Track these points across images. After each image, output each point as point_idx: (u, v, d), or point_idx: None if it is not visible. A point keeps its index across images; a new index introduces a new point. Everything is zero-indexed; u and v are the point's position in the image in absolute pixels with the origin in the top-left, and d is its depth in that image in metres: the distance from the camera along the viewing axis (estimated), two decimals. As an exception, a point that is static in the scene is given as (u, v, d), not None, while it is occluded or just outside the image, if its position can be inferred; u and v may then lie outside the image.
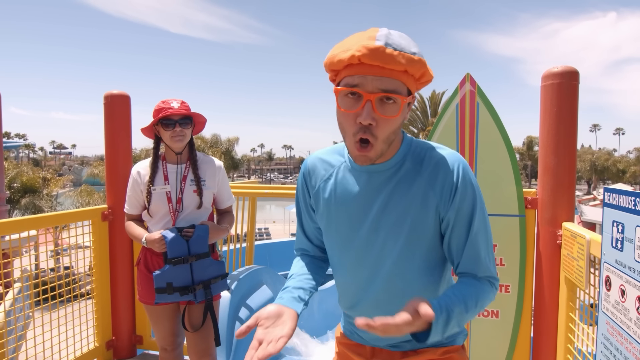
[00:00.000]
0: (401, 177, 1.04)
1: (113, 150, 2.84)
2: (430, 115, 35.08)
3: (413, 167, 1.04)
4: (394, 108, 0.93)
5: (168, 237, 1.91)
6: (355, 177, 1.08)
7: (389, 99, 0.92)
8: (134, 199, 2.09)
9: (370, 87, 0.91)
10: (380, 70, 0.90)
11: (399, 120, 0.96)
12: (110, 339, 2.90)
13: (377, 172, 1.05)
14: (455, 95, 2.16)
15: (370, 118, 0.91)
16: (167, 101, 2.01)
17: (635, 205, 1.15)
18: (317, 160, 1.16)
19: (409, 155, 1.05)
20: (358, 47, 0.89)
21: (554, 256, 2.01)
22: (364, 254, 1.08)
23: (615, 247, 1.24)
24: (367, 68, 0.90)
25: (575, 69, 1.97)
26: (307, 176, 1.17)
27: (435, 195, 1.01)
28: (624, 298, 1.20)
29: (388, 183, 1.04)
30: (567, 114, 1.98)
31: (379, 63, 0.89)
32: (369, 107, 0.91)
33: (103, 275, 2.82)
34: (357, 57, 0.89)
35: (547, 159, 2.03)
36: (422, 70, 0.93)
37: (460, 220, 1.02)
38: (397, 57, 0.88)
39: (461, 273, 1.07)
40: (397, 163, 1.04)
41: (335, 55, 0.94)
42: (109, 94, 2.80)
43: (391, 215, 1.03)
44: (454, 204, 1.01)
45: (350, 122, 0.94)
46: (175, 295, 1.95)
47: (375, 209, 1.05)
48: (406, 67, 0.90)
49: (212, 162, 2.14)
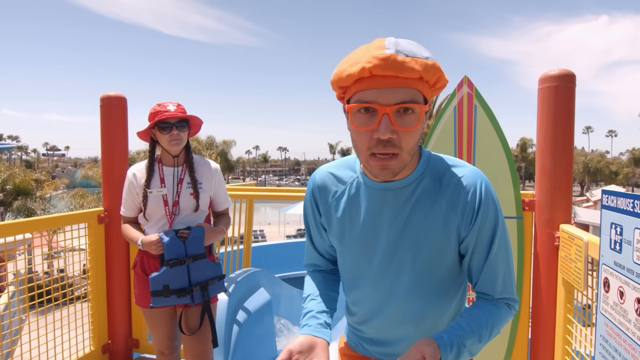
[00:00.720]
0: (420, 196, 0.98)
1: (109, 153, 2.82)
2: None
3: (432, 185, 0.98)
4: (414, 118, 0.86)
5: (165, 239, 1.90)
6: (369, 194, 1.01)
7: (406, 110, 0.85)
8: (130, 202, 2.08)
9: (385, 99, 0.84)
10: (394, 81, 0.83)
11: (419, 131, 0.90)
12: (106, 343, 2.88)
13: (394, 189, 0.98)
14: (453, 97, 2.17)
15: (390, 132, 0.84)
16: (163, 104, 1.99)
17: (634, 207, 1.15)
18: (327, 176, 1.08)
19: (427, 172, 0.99)
20: (368, 59, 0.82)
21: (551, 258, 2.02)
22: (379, 276, 1.03)
23: (614, 249, 1.25)
24: (380, 80, 0.84)
25: (572, 71, 1.98)
26: (316, 193, 1.10)
27: (456, 216, 0.96)
28: (622, 300, 1.21)
29: (407, 202, 0.98)
30: (564, 116, 1.99)
31: (392, 72, 0.82)
32: (386, 121, 0.84)
33: (99, 278, 2.79)
34: (368, 69, 0.82)
35: (545, 161, 2.04)
36: (437, 75, 0.86)
37: (481, 242, 0.98)
38: (410, 64, 0.82)
39: (479, 293, 1.04)
40: (415, 180, 0.98)
41: (343, 71, 0.87)
42: (105, 96, 2.79)
43: (410, 236, 0.98)
44: (476, 225, 0.97)
45: (366, 138, 0.87)
46: (172, 298, 1.94)
47: (394, 229, 0.99)
48: (421, 73, 0.83)
49: (208, 164, 2.13)
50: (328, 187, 1.07)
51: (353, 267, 1.08)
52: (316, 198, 1.10)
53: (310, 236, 1.18)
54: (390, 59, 0.81)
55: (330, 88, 0.95)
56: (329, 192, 1.07)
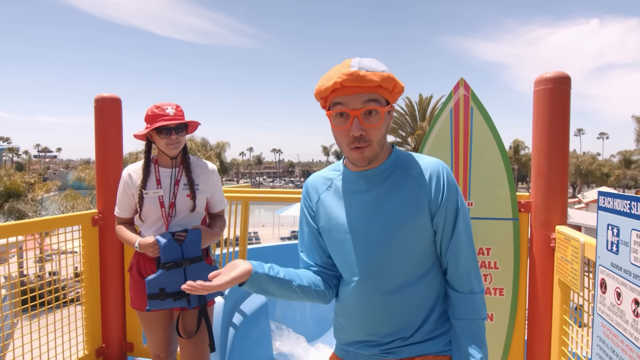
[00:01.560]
0: (393, 181, 1.21)
1: (103, 154, 2.79)
2: (419, 120, 35.35)
3: (402, 172, 1.22)
4: (377, 117, 1.14)
5: (162, 242, 1.88)
6: (352, 182, 1.25)
7: (370, 112, 1.13)
8: (125, 202, 2.06)
9: (354, 104, 1.12)
10: (359, 89, 1.11)
11: (383, 127, 1.16)
12: (100, 347, 2.84)
13: (372, 175, 1.23)
14: (449, 99, 2.18)
15: (360, 129, 1.12)
16: (162, 107, 1.96)
17: (630, 208, 1.16)
18: (316, 178, 1.35)
19: (398, 162, 1.24)
20: (338, 75, 1.10)
21: (547, 259, 2.03)
22: (367, 237, 1.20)
23: (611, 250, 1.26)
24: (349, 89, 1.11)
25: (567, 74, 2.00)
26: (307, 193, 1.34)
27: (426, 192, 1.19)
28: (619, 300, 1.21)
29: (381, 184, 1.21)
30: (560, 118, 2.01)
31: (356, 84, 1.09)
32: (356, 121, 1.12)
33: (93, 280, 2.77)
34: (339, 82, 1.10)
35: (540, 163, 2.06)
36: (392, 83, 1.13)
37: (448, 218, 1.19)
38: (370, 76, 1.09)
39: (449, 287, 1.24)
40: (388, 167, 1.23)
41: (321, 85, 1.15)
42: (100, 97, 2.76)
43: (391, 206, 1.19)
44: (443, 202, 1.19)
45: (344, 136, 1.15)
46: (168, 301, 1.92)
47: (375, 205, 1.20)
48: (379, 82, 1.10)
49: (205, 166, 2.12)
50: (318, 185, 1.32)
51: (342, 254, 1.24)
52: (309, 196, 1.33)
53: (304, 242, 1.35)
54: (354, 74, 1.09)
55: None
56: (319, 188, 1.31)
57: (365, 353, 1.26)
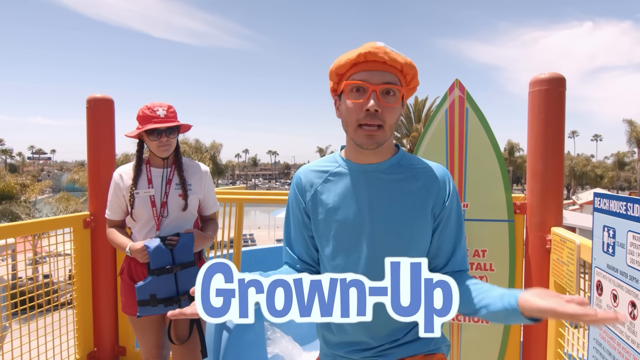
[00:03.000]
0: (399, 179, 1.16)
1: (95, 156, 2.77)
2: (414, 121, 35.49)
3: (408, 172, 1.17)
4: (395, 99, 1.10)
5: (150, 248, 1.85)
6: (352, 177, 1.17)
7: (389, 91, 1.09)
8: (116, 204, 2.03)
9: (375, 79, 1.08)
10: (383, 66, 1.08)
11: (398, 111, 1.12)
12: (91, 351, 2.81)
13: (375, 171, 1.16)
14: (444, 100, 2.17)
15: (377, 105, 1.06)
16: (153, 108, 1.93)
17: (626, 210, 1.15)
18: (308, 171, 1.25)
19: (403, 161, 1.19)
20: (364, 48, 1.07)
21: (543, 261, 2.02)
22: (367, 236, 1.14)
23: (607, 252, 1.25)
24: (372, 64, 1.08)
25: (562, 75, 2.00)
26: (299, 187, 1.24)
27: (431, 197, 1.15)
28: (616, 303, 1.20)
29: (386, 183, 1.15)
30: (555, 119, 2.00)
31: (381, 58, 1.06)
32: (374, 96, 1.07)
33: (85, 284, 2.73)
34: (364, 54, 1.07)
35: (535, 164, 2.05)
36: (413, 71, 1.11)
37: (450, 222, 1.17)
38: (396, 56, 1.08)
39: (455, 271, 1.17)
40: (392, 165, 1.17)
41: (342, 58, 1.11)
42: (92, 98, 2.74)
43: (394, 206, 1.14)
44: (446, 208, 1.16)
45: (357, 111, 1.09)
46: (160, 307, 1.88)
47: (376, 204, 1.14)
48: (403, 65, 1.08)
49: (198, 167, 2.09)
50: (311, 179, 1.23)
51: (339, 249, 1.17)
52: (301, 191, 1.24)
53: (290, 236, 1.28)
54: (381, 48, 1.07)
55: (321, 90, 1.20)
56: (314, 182, 1.22)
57: (355, 357, 1.21)
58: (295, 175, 1.28)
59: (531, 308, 0.91)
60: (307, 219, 1.24)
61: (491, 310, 1.01)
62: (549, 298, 0.90)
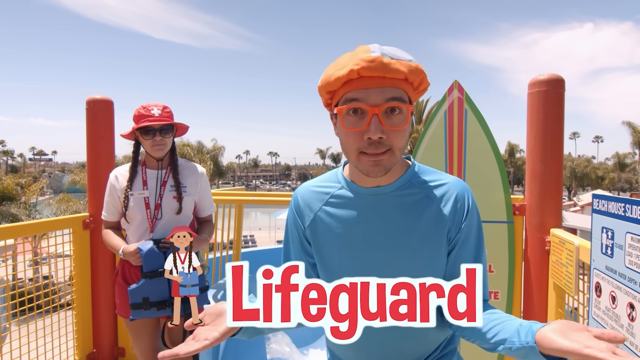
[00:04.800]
0: (410, 202, 0.99)
1: (95, 157, 2.77)
2: (415, 123, 35.48)
3: (421, 191, 1.00)
4: (401, 118, 0.90)
5: (143, 250, 1.84)
6: (357, 201, 1.01)
7: (394, 110, 0.89)
8: (112, 205, 2.02)
9: (374, 100, 0.87)
10: (382, 81, 0.87)
11: (407, 130, 0.92)
12: (91, 352, 2.80)
13: (383, 194, 0.99)
14: (443, 102, 2.17)
15: (380, 131, 0.87)
16: (148, 107, 1.93)
17: (625, 211, 1.15)
18: (308, 192, 1.09)
19: (415, 180, 1.01)
20: (355, 62, 0.86)
21: (542, 262, 2.02)
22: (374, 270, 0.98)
23: (605, 254, 1.24)
24: (368, 81, 0.87)
25: (561, 76, 2.00)
26: (298, 209, 1.09)
27: (447, 220, 0.99)
28: (614, 304, 1.20)
29: (397, 208, 0.99)
30: (554, 120, 2.00)
31: (379, 73, 0.86)
32: (376, 121, 0.87)
33: (84, 285, 2.73)
34: (357, 70, 0.85)
35: (535, 165, 2.05)
36: (420, 76, 0.91)
37: (468, 245, 1.01)
38: (396, 65, 0.86)
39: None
40: (403, 185, 1.00)
41: (331, 75, 0.90)
42: (92, 99, 2.74)
43: (403, 241, 0.98)
44: (463, 229, 1.00)
45: (356, 139, 0.90)
46: (152, 310, 1.87)
47: (387, 233, 0.98)
48: (406, 74, 0.88)
49: (194, 168, 2.08)
50: (310, 201, 1.07)
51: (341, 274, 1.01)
52: (299, 214, 1.09)
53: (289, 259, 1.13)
54: (377, 61, 0.85)
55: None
56: (313, 205, 1.06)
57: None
58: (293, 196, 1.12)
59: (551, 347, 0.74)
60: (307, 244, 1.09)
61: (508, 347, 0.86)
62: (573, 334, 0.73)
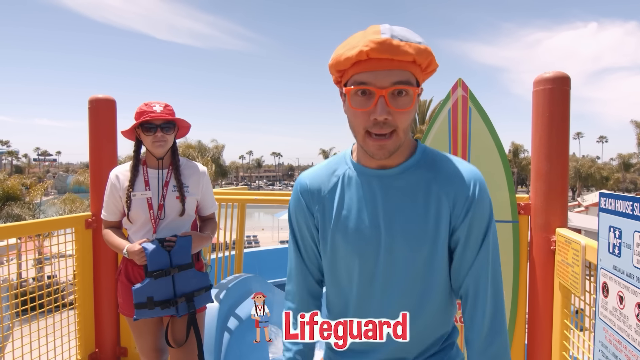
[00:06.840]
0: (414, 183, 0.99)
1: (97, 156, 2.77)
2: (418, 122, 35.42)
3: (427, 173, 1.00)
4: (407, 100, 0.92)
5: (148, 250, 1.83)
6: (364, 182, 1.02)
7: (400, 92, 0.91)
8: (112, 205, 2.01)
9: (381, 82, 0.89)
10: (390, 63, 0.89)
11: (413, 112, 0.94)
12: (93, 352, 2.80)
13: (388, 176, 1.00)
14: (447, 100, 2.15)
15: (386, 112, 0.90)
16: (150, 104, 1.92)
17: (633, 210, 1.13)
18: (313, 177, 1.08)
19: (423, 162, 1.01)
20: (365, 43, 0.88)
21: (547, 262, 1.99)
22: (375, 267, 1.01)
23: (613, 253, 1.22)
24: (376, 63, 0.89)
25: (567, 74, 1.97)
26: (305, 194, 1.08)
27: (449, 203, 0.98)
28: (622, 305, 1.18)
29: (400, 189, 0.99)
30: (559, 119, 1.98)
31: (388, 55, 0.87)
32: (382, 103, 0.90)
33: (86, 284, 2.73)
34: (366, 52, 0.87)
35: (540, 164, 2.03)
36: (429, 58, 0.92)
37: (471, 239, 0.98)
38: (405, 47, 0.88)
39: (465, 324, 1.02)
40: (410, 167, 1.00)
41: (341, 55, 0.92)
42: (94, 98, 2.74)
43: (403, 224, 0.98)
44: (467, 219, 0.97)
45: (363, 119, 0.92)
46: (156, 310, 1.86)
47: (389, 215, 0.99)
48: (415, 56, 0.89)
49: (195, 167, 2.07)
50: (317, 186, 1.07)
51: (347, 262, 1.04)
52: (306, 199, 1.08)
53: (299, 252, 1.12)
54: (386, 43, 0.87)
55: (325, 92, 1.04)
56: (320, 190, 1.06)
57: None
58: (298, 181, 1.10)
59: None
60: (315, 231, 1.08)
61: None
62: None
